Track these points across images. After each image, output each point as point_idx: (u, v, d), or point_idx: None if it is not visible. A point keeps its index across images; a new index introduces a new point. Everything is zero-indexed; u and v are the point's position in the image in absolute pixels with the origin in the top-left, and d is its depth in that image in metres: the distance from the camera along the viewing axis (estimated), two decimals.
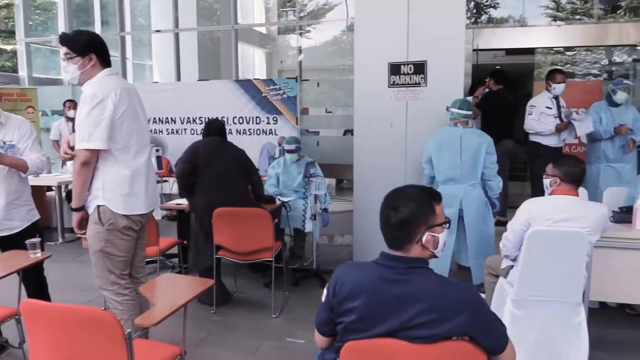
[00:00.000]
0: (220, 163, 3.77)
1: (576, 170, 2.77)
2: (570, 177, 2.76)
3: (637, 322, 3.54)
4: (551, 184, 2.83)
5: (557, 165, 2.81)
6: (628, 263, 3.00)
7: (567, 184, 2.78)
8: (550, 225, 2.71)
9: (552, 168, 2.83)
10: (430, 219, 1.57)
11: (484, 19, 9.34)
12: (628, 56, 8.66)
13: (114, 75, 2.56)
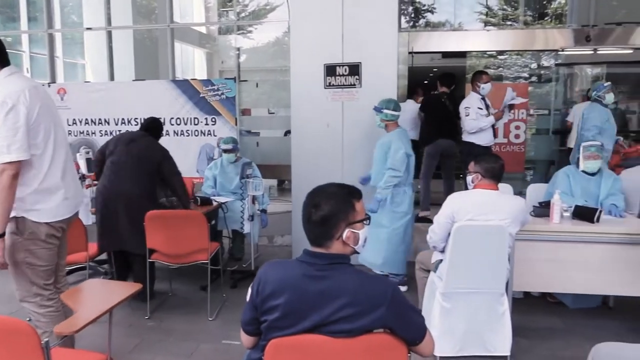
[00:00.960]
0: (121, 154, 3.74)
1: (495, 166, 2.93)
2: (491, 173, 2.93)
3: (556, 309, 3.77)
4: (473, 180, 2.99)
5: (478, 162, 2.98)
6: (547, 254, 3.18)
7: (488, 179, 2.94)
8: (472, 218, 2.84)
9: (473, 165, 3.00)
10: (351, 216, 1.61)
11: (422, 23, 9.64)
12: (554, 60, 9.17)
13: (15, 75, 2.35)
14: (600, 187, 3.62)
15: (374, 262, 4.10)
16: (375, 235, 3.98)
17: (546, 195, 3.70)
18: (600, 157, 3.63)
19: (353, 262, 1.64)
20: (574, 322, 3.54)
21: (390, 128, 4.12)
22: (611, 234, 3.11)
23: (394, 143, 4.05)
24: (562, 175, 3.74)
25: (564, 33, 7.95)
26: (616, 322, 3.54)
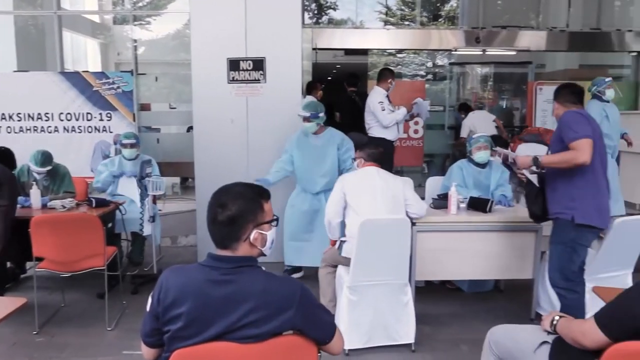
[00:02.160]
0: None
1: (376, 152, 3.32)
2: (372, 157, 3.28)
3: (455, 296, 3.99)
4: (358, 164, 3.33)
5: (361, 149, 3.38)
6: (446, 244, 3.35)
7: (369, 162, 3.27)
8: (359, 190, 3.14)
9: (357, 152, 3.40)
10: (259, 217, 1.55)
11: (325, 20, 9.74)
12: (448, 59, 9.73)
13: None
14: (490, 179, 3.87)
15: None
16: None
17: (442, 187, 3.89)
18: (489, 148, 3.85)
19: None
20: (471, 307, 3.77)
21: (321, 129, 4.12)
22: (501, 222, 3.35)
23: (347, 141, 4.10)
24: (456, 168, 3.94)
25: (456, 34, 8.45)
26: (507, 304, 3.82)
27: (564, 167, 2.73)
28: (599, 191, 2.80)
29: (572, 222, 2.75)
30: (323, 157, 4.06)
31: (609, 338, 1.61)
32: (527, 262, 3.40)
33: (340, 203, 3.18)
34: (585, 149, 2.62)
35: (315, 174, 4.07)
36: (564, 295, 2.88)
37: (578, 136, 2.65)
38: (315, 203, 4.10)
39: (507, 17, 9.20)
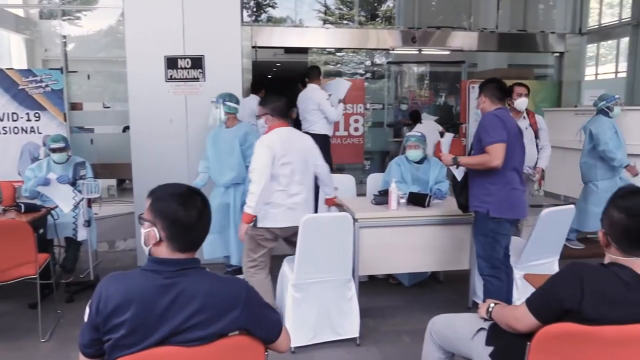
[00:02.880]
0: None
1: (279, 104, 3.23)
2: (278, 111, 3.21)
3: (398, 289, 4.10)
4: (265, 121, 3.22)
5: (263, 105, 3.27)
6: (387, 239, 3.43)
7: (277, 118, 3.21)
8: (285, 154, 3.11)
9: (261, 108, 3.26)
10: None
11: (264, 18, 9.70)
12: (386, 59, 9.95)
13: None
14: (429, 174, 4.00)
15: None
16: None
17: (383, 184, 3.99)
18: (421, 147, 3.97)
19: None
20: (413, 299, 3.89)
21: (233, 122, 4.06)
22: (439, 216, 3.48)
23: (252, 134, 4.01)
24: (394, 165, 4.05)
25: (393, 34, 8.65)
26: (447, 294, 3.98)
27: (480, 168, 2.99)
28: (512, 186, 3.02)
29: (488, 214, 2.99)
30: (231, 150, 3.98)
31: (539, 321, 1.70)
32: (463, 253, 3.55)
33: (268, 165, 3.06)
34: (499, 153, 2.89)
35: (224, 166, 4.01)
36: (490, 282, 3.08)
37: (493, 141, 2.90)
38: (225, 197, 4.02)
39: (441, 18, 9.52)
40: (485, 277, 3.11)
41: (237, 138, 4.00)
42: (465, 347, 2.10)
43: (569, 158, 6.37)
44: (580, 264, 1.72)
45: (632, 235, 1.63)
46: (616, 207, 1.66)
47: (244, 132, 4.04)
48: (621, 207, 1.64)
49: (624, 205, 1.64)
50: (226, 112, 3.99)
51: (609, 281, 1.64)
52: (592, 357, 1.66)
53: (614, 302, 1.61)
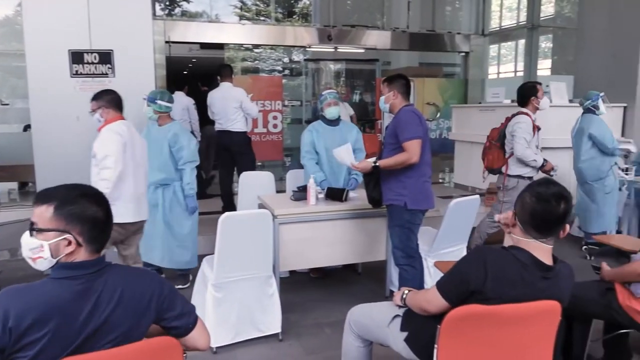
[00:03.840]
0: None
1: (115, 96, 3.17)
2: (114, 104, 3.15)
3: (319, 283, 4.17)
4: (101, 114, 3.13)
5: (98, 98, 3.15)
6: (307, 234, 3.48)
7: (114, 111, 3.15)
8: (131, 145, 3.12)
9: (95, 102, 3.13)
10: None
11: (178, 12, 9.40)
12: (303, 56, 10.01)
13: None
14: (345, 137, 3.98)
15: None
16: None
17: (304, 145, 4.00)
18: (339, 103, 4.04)
19: None
20: (333, 291, 3.98)
21: (165, 120, 3.91)
22: (356, 210, 3.58)
23: (183, 134, 3.91)
24: (307, 133, 4.03)
25: (310, 31, 8.74)
26: (365, 285, 4.11)
27: (400, 167, 3.10)
28: (425, 179, 3.21)
29: (405, 207, 3.13)
30: (160, 150, 3.86)
31: (448, 302, 1.82)
32: (380, 244, 3.68)
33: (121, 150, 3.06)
34: (416, 150, 3.04)
35: (153, 166, 3.83)
36: (406, 271, 3.24)
37: (411, 137, 3.04)
38: (152, 198, 3.87)
39: (356, 16, 9.76)
40: (401, 267, 3.25)
41: (167, 139, 3.85)
42: (382, 334, 2.19)
43: (475, 151, 6.79)
44: (484, 248, 1.86)
45: (537, 218, 1.77)
46: (531, 192, 1.80)
47: (173, 133, 3.89)
48: (534, 192, 1.79)
49: (538, 191, 1.78)
50: (156, 111, 3.83)
51: (508, 263, 1.78)
52: (494, 335, 1.81)
53: (512, 282, 1.76)
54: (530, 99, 4.26)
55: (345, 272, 4.36)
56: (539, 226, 1.78)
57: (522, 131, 4.13)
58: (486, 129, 6.52)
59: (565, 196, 1.77)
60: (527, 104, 4.28)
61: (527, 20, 9.60)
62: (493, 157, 4.36)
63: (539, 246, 1.80)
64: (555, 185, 1.79)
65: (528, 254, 1.79)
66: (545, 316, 1.83)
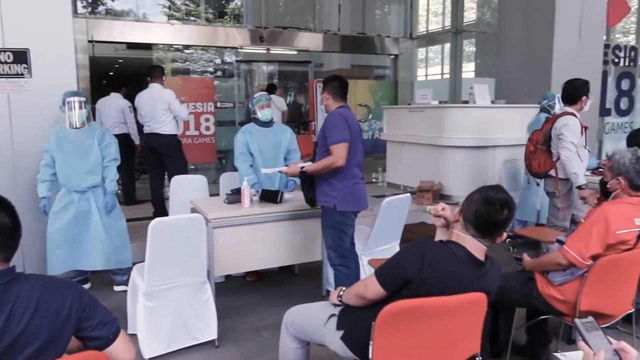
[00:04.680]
0: None
1: None
2: None
3: (255, 286, 4.14)
4: None
5: None
6: (242, 237, 3.43)
7: None
8: None
9: None
10: None
11: (102, 10, 8.99)
12: (235, 57, 9.90)
13: None
14: (279, 138, 4.02)
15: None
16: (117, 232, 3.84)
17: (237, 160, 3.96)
18: (271, 106, 4.01)
19: None
20: (270, 294, 3.96)
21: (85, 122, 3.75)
22: (291, 211, 3.58)
23: (107, 132, 3.86)
24: (240, 135, 3.98)
25: (241, 32, 8.65)
26: (302, 286, 4.12)
27: (327, 171, 3.13)
28: (355, 181, 3.23)
29: (335, 209, 3.17)
30: (86, 152, 3.69)
31: (384, 289, 1.87)
32: (316, 245, 3.70)
33: None
34: (342, 153, 3.06)
35: (81, 170, 3.69)
36: (340, 271, 3.27)
37: (337, 140, 3.06)
38: (83, 204, 3.71)
39: (288, 18, 9.77)
40: (336, 267, 3.29)
41: (94, 138, 3.70)
42: (318, 334, 2.20)
43: (405, 151, 7.01)
44: (424, 240, 1.93)
45: (479, 219, 1.86)
46: (480, 193, 1.89)
47: (100, 131, 3.77)
48: (483, 194, 1.87)
49: (487, 194, 1.87)
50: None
51: (445, 256, 1.86)
52: (426, 327, 1.87)
53: (446, 274, 1.84)
54: (582, 98, 3.94)
55: (282, 273, 4.35)
56: (479, 227, 1.87)
57: (571, 134, 3.79)
58: (416, 129, 6.78)
59: (510, 205, 1.86)
60: (576, 103, 3.94)
61: (452, 25, 10.03)
62: (540, 162, 4.01)
63: (475, 244, 1.89)
64: (503, 192, 1.89)
65: (464, 249, 1.88)
66: (473, 307, 1.92)
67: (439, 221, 2.10)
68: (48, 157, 3.67)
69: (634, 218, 2.49)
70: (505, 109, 6.40)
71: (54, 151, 3.65)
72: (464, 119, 6.19)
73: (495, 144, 6.16)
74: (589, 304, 2.47)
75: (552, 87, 5.99)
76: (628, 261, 2.48)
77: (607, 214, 2.46)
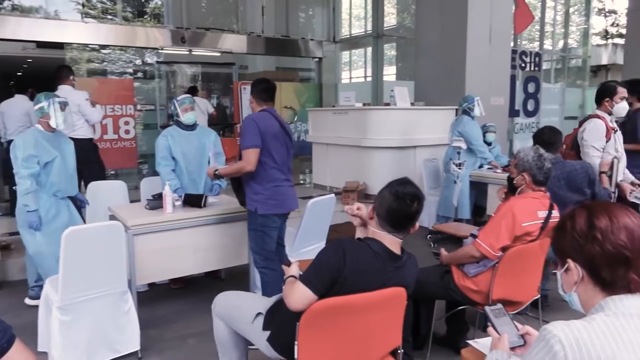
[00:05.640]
0: None
1: None
2: None
3: (180, 293, 4.02)
4: None
5: None
6: (165, 243, 3.32)
7: None
8: None
9: None
10: None
11: (8, 6, 8.39)
12: (157, 58, 9.58)
13: None
14: (203, 142, 3.94)
15: None
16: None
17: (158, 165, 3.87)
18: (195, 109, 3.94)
19: None
20: (196, 300, 3.86)
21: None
22: (216, 215, 3.52)
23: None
24: (162, 139, 3.89)
25: (162, 32, 8.41)
26: (229, 290, 4.02)
27: (238, 175, 3.19)
28: (276, 184, 3.23)
29: (257, 212, 3.18)
30: (69, 158, 3.61)
31: (313, 292, 1.86)
32: (242, 248, 3.67)
33: None
34: (251, 158, 3.08)
35: (68, 178, 3.63)
36: (265, 273, 3.27)
37: (247, 145, 3.09)
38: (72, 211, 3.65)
39: (211, 19, 9.61)
40: (261, 269, 3.28)
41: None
42: (246, 330, 2.21)
43: (330, 152, 7.13)
44: (343, 238, 1.97)
45: (392, 215, 1.93)
46: (390, 190, 1.95)
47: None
48: (393, 191, 1.93)
49: (396, 189, 1.93)
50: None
51: (363, 252, 1.91)
52: (349, 323, 1.92)
53: (366, 270, 1.89)
54: (604, 100, 3.88)
55: (208, 279, 4.28)
56: (393, 222, 1.94)
57: (591, 138, 3.77)
58: (341, 131, 6.91)
59: (419, 197, 1.95)
60: (601, 105, 3.90)
61: (373, 29, 10.32)
62: None
63: (391, 239, 1.96)
64: (411, 186, 1.96)
65: (381, 244, 1.94)
66: (393, 302, 2.00)
67: (356, 220, 2.16)
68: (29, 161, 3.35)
69: (537, 211, 2.69)
70: (424, 110, 6.69)
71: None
72: (386, 120, 6.40)
73: (416, 144, 6.43)
74: (500, 293, 2.64)
75: (466, 90, 6.32)
76: (533, 251, 2.68)
77: (514, 208, 2.65)
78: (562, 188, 3.39)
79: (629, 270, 1.16)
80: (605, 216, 1.20)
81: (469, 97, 5.42)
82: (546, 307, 3.47)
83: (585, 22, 12.82)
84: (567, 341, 1.08)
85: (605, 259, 1.18)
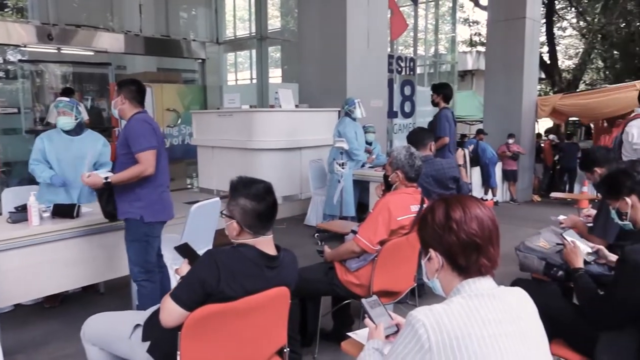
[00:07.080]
0: None
1: None
2: None
3: (52, 313, 3.69)
4: None
5: None
6: (33, 259, 3.04)
7: None
8: None
9: None
10: None
11: None
12: (20, 56, 8.71)
13: None
14: (85, 150, 3.70)
15: None
16: None
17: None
18: (73, 114, 3.66)
19: None
20: (71, 318, 3.54)
21: None
22: (90, 226, 3.29)
23: None
24: (38, 140, 3.63)
25: (26, 28, 7.69)
26: (108, 305, 3.78)
27: (135, 180, 2.93)
28: (162, 189, 3.12)
29: (142, 220, 3.00)
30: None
31: (184, 309, 1.80)
32: (121, 260, 3.44)
33: None
34: (151, 161, 2.92)
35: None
36: (144, 286, 3.11)
37: (145, 147, 2.90)
38: None
39: (85, 16, 8.96)
40: (139, 282, 3.11)
41: None
42: (124, 346, 2.09)
43: (216, 155, 7.01)
44: (214, 250, 1.93)
45: (262, 217, 1.92)
46: (246, 197, 1.91)
47: None
48: (250, 196, 1.91)
49: (253, 193, 1.91)
50: None
51: (238, 260, 1.89)
52: (234, 328, 1.91)
53: (244, 276, 1.88)
54: None
55: (86, 294, 3.99)
56: (264, 223, 1.95)
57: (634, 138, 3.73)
58: (226, 134, 6.84)
59: (270, 187, 1.98)
60: None
61: (257, 31, 10.33)
62: None
63: (261, 240, 1.96)
64: (259, 182, 1.98)
65: (254, 248, 1.93)
66: (276, 301, 2.02)
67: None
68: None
69: (410, 205, 2.89)
70: (308, 112, 6.84)
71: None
72: (271, 122, 6.45)
73: (301, 145, 6.55)
74: (380, 284, 2.79)
75: (347, 92, 6.57)
76: (408, 244, 2.87)
77: (389, 203, 2.82)
78: (430, 184, 3.67)
79: (480, 256, 1.30)
80: (460, 208, 1.33)
81: (349, 100, 5.66)
82: (423, 294, 3.74)
83: (452, 30, 14.00)
84: (429, 324, 1.18)
85: (460, 246, 1.30)
